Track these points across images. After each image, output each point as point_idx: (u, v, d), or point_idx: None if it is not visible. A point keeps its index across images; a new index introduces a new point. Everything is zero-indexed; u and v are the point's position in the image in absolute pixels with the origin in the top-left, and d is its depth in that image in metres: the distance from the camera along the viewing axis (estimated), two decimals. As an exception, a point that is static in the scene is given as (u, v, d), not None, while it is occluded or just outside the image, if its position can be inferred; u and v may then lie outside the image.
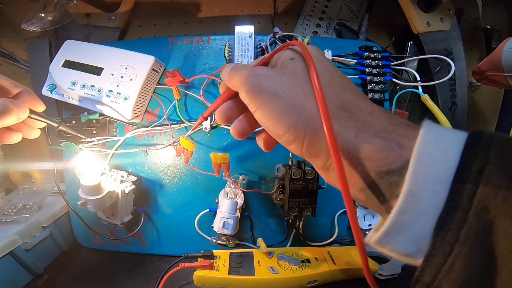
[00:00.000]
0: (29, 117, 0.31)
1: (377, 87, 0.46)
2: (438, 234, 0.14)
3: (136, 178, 0.45)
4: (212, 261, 0.38)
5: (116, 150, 0.46)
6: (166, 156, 0.46)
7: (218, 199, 0.44)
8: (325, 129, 0.17)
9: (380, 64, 0.46)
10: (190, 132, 0.34)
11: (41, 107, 0.33)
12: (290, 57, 0.20)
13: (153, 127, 0.45)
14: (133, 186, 0.43)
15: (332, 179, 0.20)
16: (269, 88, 0.19)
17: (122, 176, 0.43)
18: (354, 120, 0.17)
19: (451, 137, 0.15)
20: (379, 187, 0.16)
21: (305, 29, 0.59)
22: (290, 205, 0.40)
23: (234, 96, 0.23)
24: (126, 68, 0.41)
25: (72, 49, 0.44)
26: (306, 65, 0.19)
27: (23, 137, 0.34)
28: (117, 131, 0.47)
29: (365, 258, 0.18)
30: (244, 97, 0.20)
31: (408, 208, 0.15)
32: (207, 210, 0.45)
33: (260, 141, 0.25)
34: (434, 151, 0.15)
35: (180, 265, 0.37)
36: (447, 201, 0.14)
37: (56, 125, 0.37)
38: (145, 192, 0.47)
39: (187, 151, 0.33)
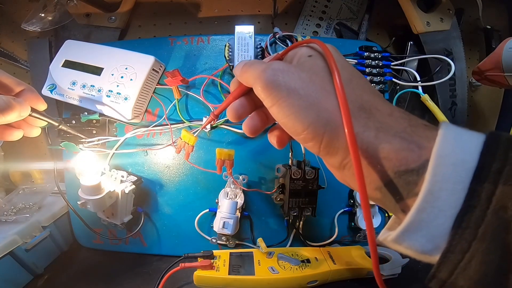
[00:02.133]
0: (30, 115, 0.32)
1: (377, 87, 0.46)
2: (456, 232, 0.14)
3: (136, 178, 0.45)
4: (212, 261, 0.38)
5: (116, 150, 0.46)
6: (166, 156, 0.46)
7: (218, 199, 0.44)
8: (346, 129, 0.17)
9: (380, 64, 0.46)
10: (199, 130, 0.34)
11: (42, 106, 0.34)
12: (308, 54, 0.20)
13: (153, 127, 0.45)
14: (133, 186, 0.43)
15: (346, 178, 0.20)
16: (287, 84, 0.19)
17: (122, 176, 0.43)
18: (373, 120, 0.18)
19: (469, 138, 0.15)
20: (396, 186, 0.17)
21: (305, 29, 0.59)
22: (290, 205, 0.40)
23: (246, 92, 0.23)
24: (126, 68, 0.41)
25: (72, 49, 0.44)
26: (325, 63, 0.19)
27: (23, 135, 0.34)
28: (117, 131, 0.47)
29: (375, 257, 0.18)
30: (259, 92, 0.20)
31: (427, 206, 0.15)
32: (207, 210, 0.45)
33: (272, 138, 0.24)
34: (453, 152, 0.15)
35: (180, 265, 0.37)
36: (465, 200, 0.14)
37: (56, 124, 0.37)
38: (145, 192, 0.47)
39: (188, 145, 0.33)
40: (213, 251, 0.40)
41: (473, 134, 0.16)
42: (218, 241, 0.45)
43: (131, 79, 0.41)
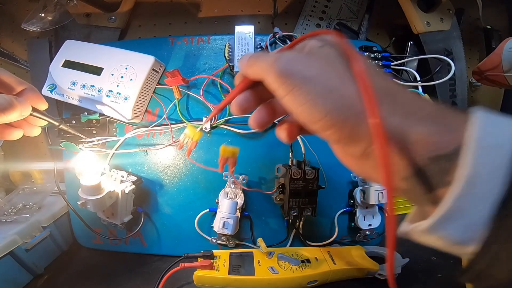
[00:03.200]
0: (31, 114, 0.32)
1: (377, 87, 0.46)
2: (497, 220, 0.13)
3: (136, 178, 0.45)
4: (212, 261, 0.38)
5: (116, 150, 0.46)
6: (166, 156, 0.46)
7: (218, 199, 0.44)
8: (370, 113, 0.16)
9: (380, 64, 0.46)
10: (204, 123, 0.33)
11: (43, 105, 0.34)
12: (318, 45, 0.20)
13: (153, 127, 0.45)
14: (133, 186, 0.43)
15: (367, 168, 0.18)
16: (301, 72, 0.18)
17: (122, 176, 0.43)
18: (399, 104, 0.16)
19: (505, 122, 0.15)
20: (426, 175, 0.15)
21: (305, 29, 0.59)
22: (290, 205, 0.40)
23: (251, 86, 0.23)
24: (126, 68, 0.41)
25: (72, 49, 0.44)
26: (338, 52, 0.19)
27: (23, 135, 0.34)
28: (117, 131, 0.47)
29: (392, 254, 0.17)
30: (272, 82, 0.19)
31: (465, 193, 0.14)
32: (207, 210, 0.45)
33: (281, 132, 0.23)
34: (489, 136, 0.14)
35: (180, 265, 0.37)
36: (508, 186, 0.13)
37: (57, 124, 0.37)
38: (145, 192, 0.47)
39: (191, 140, 0.33)
40: (213, 251, 0.40)
41: (508, 118, 0.15)
42: (218, 241, 0.45)
43: (131, 79, 0.41)
